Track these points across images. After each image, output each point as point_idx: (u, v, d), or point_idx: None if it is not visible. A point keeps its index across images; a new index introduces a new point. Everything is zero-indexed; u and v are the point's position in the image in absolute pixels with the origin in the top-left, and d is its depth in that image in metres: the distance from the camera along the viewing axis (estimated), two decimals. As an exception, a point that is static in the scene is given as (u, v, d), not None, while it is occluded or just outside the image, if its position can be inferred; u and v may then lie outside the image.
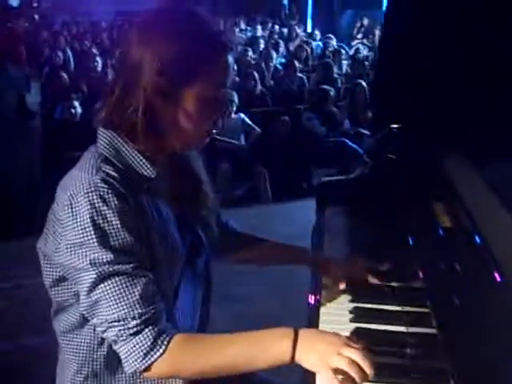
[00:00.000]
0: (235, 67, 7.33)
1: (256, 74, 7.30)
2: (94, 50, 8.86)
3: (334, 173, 5.27)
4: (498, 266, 1.10)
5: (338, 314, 1.45)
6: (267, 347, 1.15)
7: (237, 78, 7.63)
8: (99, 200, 1.14)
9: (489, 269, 1.11)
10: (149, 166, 1.23)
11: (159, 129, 1.23)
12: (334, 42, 10.65)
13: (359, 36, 12.55)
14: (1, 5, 15.61)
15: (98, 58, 7.89)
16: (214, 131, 1.30)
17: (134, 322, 1.14)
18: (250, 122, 6.30)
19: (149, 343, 1.14)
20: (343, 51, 9.52)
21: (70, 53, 9.61)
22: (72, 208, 1.15)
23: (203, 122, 1.25)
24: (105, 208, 1.14)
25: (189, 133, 1.25)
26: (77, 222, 1.14)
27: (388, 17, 1.87)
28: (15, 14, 16.11)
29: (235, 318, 3.28)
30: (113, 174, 1.18)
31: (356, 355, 1.09)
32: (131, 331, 1.14)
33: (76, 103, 5.86)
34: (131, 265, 1.15)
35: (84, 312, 1.20)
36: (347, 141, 6.18)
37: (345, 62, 9.20)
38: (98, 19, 13.79)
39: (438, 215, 1.43)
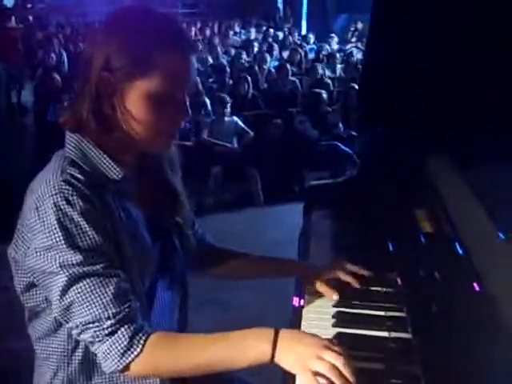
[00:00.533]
0: (228, 70, 7.31)
1: (249, 78, 7.30)
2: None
3: (326, 176, 5.28)
4: (478, 275, 1.10)
5: (320, 318, 1.44)
6: (246, 347, 1.14)
7: (230, 81, 7.65)
8: (64, 202, 1.13)
9: (468, 278, 1.11)
10: (115, 167, 1.22)
11: (110, 127, 1.21)
12: (334, 45, 10.66)
13: (353, 40, 12.58)
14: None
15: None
16: (175, 134, 1.29)
17: (109, 322, 1.13)
18: (243, 125, 6.30)
19: (125, 343, 1.14)
20: (337, 55, 9.53)
21: (63, 54, 9.60)
22: (38, 211, 1.14)
23: (152, 120, 1.21)
24: (70, 210, 1.13)
25: (139, 131, 1.21)
26: (44, 225, 1.13)
27: (374, 17, 1.87)
28: (9, 14, 16.08)
29: (217, 323, 3.27)
30: (77, 175, 1.17)
31: (337, 360, 1.08)
32: (106, 331, 1.13)
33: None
34: (101, 265, 1.14)
35: (58, 316, 1.18)
36: (340, 144, 6.19)
37: (338, 66, 9.21)
38: (93, 20, 13.76)
39: (420, 221, 1.43)
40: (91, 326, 1.14)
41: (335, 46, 10.78)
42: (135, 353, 1.14)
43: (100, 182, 1.21)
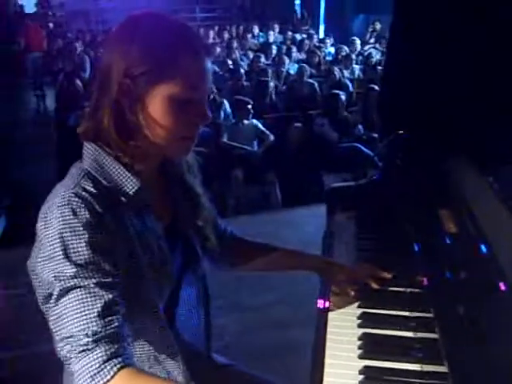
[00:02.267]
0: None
1: (267, 81, 7.32)
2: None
3: (347, 178, 5.27)
4: (503, 275, 1.10)
5: (346, 319, 1.45)
6: None
7: (248, 84, 7.67)
8: (70, 213, 1.12)
9: (494, 278, 1.11)
10: (132, 177, 1.22)
11: (128, 133, 1.21)
12: (357, 48, 10.62)
13: (372, 41, 12.52)
14: (17, 13, 15.85)
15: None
16: (195, 138, 1.27)
17: (86, 340, 1.08)
18: (263, 128, 6.32)
19: (97, 365, 1.07)
20: (353, 55, 9.51)
21: (85, 60, 9.70)
22: (46, 221, 1.14)
23: (174, 126, 1.21)
24: (75, 221, 1.12)
25: (162, 137, 1.22)
26: (48, 236, 1.13)
27: (395, 23, 1.88)
28: (28, 25, 16.33)
29: (243, 325, 3.30)
30: (90, 189, 1.16)
31: None
32: (80, 348, 1.08)
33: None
34: (94, 280, 1.11)
35: (52, 329, 1.14)
36: (360, 146, 6.18)
37: (357, 67, 9.19)
38: (111, 27, 13.88)
39: (445, 222, 1.43)
40: (70, 340, 1.09)
41: (358, 48, 10.72)
42: (104, 379, 1.06)
43: (115, 195, 1.20)
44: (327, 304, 1.53)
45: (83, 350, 1.08)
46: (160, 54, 1.18)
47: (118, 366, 1.08)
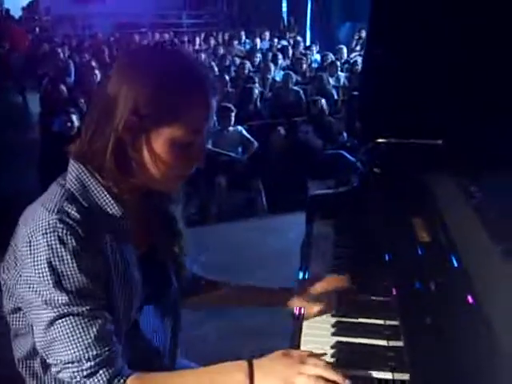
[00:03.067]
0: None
1: (252, 88, 7.33)
2: (93, 63, 8.87)
3: (331, 185, 5.28)
4: (472, 288, 1.11)
5: (320, 327, 1.46)
6: (221, 382, 1.16)
7: (233, 91, 7.67)
8: (57, 241, 1.12)
9: (462, 290, 1.12)
10: (115, 205, 1.22)
11: (127, 168, 1.21)
12: (344, 56, 10.66)
13: (358, 48, 12.58)
14: (2, 17, 15.78)
15: (96, 71, 7.89)
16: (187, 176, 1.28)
17: (89, 364, 1.13)
18: (247, 135, 6.32)
19: None
20: (338, 63, 9.54)
21: (69, 65, 9.66)
22: (31, 246, 1.14)
23: (173, 167, 1.22)
24: (62, 250, 1.12)
25: (158, 175, 1.23)
26: (34, 262, 1.13)
27: (371, 29, 1.88)
28: (14, 28, 16.26)
29: (222, 333, 3.29)
30: (74, 214, 1.16)
31: (318, 369, 1.12)
32: (85, 373, 1.13)
33: (74, 117, 5.85)
34: (87, 306, 1.14)
35: (40, 350, 1.18)
36: (344, 153, 6.20)
37: (342, 74, 9.23)
38: (97, 32, 13.86)
39: (418, 231, 1.44)
40: (70, 365, 1.13)
41: (344, 56, 10.77)
42: None
43: (97, 220, 1.20)
44: (302, 310, 1.53)
45: (88, 375, 1.13)
46: (170, 97, 1.17)
47: (122, 381, 1.14)
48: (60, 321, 1.13)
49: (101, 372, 1.13)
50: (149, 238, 1.37)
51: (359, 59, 9.87)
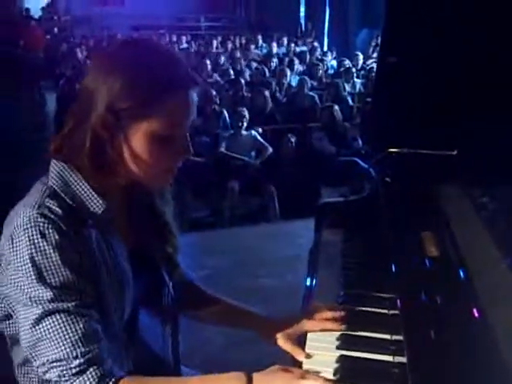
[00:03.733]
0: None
1: (266, 92, 7.31)
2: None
3: (344, 192, 5.24)
4: (478, 302, 1.08)
5: (324, 340, 1.42)
6: None
7: (249, 95, 7.67)
8: (38, 236, 1.11)
9: (468, 304, 1.09)
10: (98, 199, 1.20)
11: (106, 165, 1.19)
12: (359, 62, 10.63)
13: (374, 55, 12.54)
14: (22, 17, 15.95)
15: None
16: (175, 170, 1.25)
17: (77, 362, 1.10)
18: (261, 140, 6.30)
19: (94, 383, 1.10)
20: (353, 69, 9.51)
21: (87, 65, 9.70)
22: (13, 244, 1.12)
23: (155, 161, 1.20)
24: (44, 244, 1.11)
25: (142, 171, 1.20)
26: (17, 259, 1.12)
27: (385, 35, 1.86)
28: (34, 27, 16.43)
29: (229, 340, 3.27)
30: (55, 209, 1.14)
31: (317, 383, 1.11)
32: (74, 371, 1.10)
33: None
34: (72, 302, 1.11)
35: (26, 352, 1.15)
36: (359, 160, 6.15)
37: (358, 81, 9.19)
38: (116, 33, 13.94)
39: (426, 245, 1.41)
40: (58, 364, 1.11)
41: (360, 63, 10.73)
42: None
43: (80, 215, 1.18)
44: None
45: (77, 372, 1.10)
46: (144, 91, 1.15)
47: (114, 380, 1.11)
48: (46, 319, 1.11)
49: (91, 370, 1.10)
50: (137, 235, 1.35)
51: (375, 66, 9.85)
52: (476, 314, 1.07)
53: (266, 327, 1.47)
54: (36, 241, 1.10)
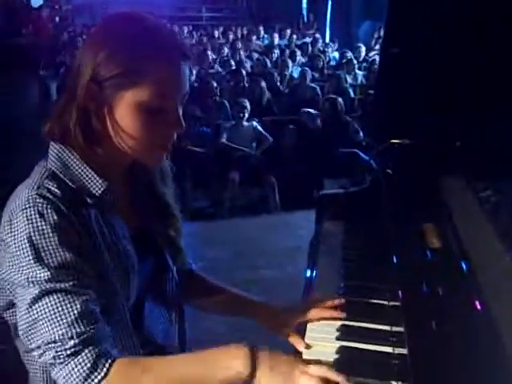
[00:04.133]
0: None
1: (263, 83, 7.27)
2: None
3: (346, 184, 5.24)
4: (480, 294, 1.08)
5: (324, 331, 1.42)
6: (221, 369, 1.11)
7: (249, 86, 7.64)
8: (37, 216, 1.09)
9: (470, 296, 1.09)
10: (98, 179, 1.18)
11: (98, 141, 1.18)
12: (362, 54, 10.59)
13: (377, 47, 12.49)
14: (23, 6, 15.89)
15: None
16: (167, 148, 1.22)
17: (72, 342, 1.07)
18: (262, 131, 6.29)
19: (89, 365, 1.07)
20: (355, 61, 9.48)
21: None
22: (11, 225, 1.11)
23: (143, 134, 1.17)
24: (42, 224, 1.09)
25: (131, 145, 1.18)
26: (15, 239, 1.10)
27: (389, 26, 1.85)
28: (37, 15, 16.38)
29: (232, 328, 3.27)
30: (54, 190, 1.13)
31: (321, 371, 1.12)
32: (69, 352, 1.08)
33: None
34: (70, 282, 1.09)
35: (22, 335, 1.13)
36: (360, 152, 6.16)
37: (360, 73, 9.17)
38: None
39: (428, 236, 1.40)
40: (53, 345, 1.08)
41: (362, 54, 10.70)
42: (99, 377, 1.07)
43: (80, 196, 1.17)
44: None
45: (72, 354, 1.08)
46: (127, 58, 1.13)
47: (109, 361, 1.08)
48: (43, 299, 1.09)
49: (86, 351, 1.08)
50: (139, 217, 1.33)
51: (377, 58, 9.82)
52: (478, 307, 1.06)
53: (268, 316, 1.49)
54: (34, 220, 1.09)
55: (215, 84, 7.21)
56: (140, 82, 1.13)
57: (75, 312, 1.09)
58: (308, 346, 1.35)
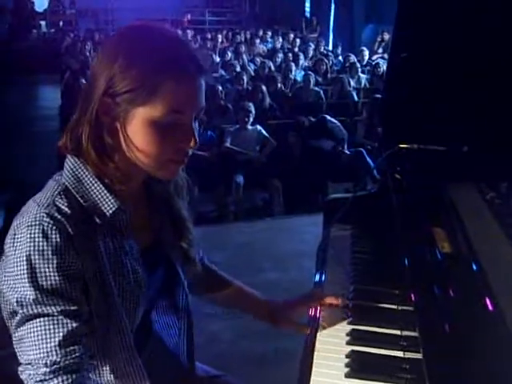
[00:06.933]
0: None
1: (263, 87, 7.27)
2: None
3: (350, 187, 5.25)
4: (492, 294, 1.08)
5: (335, 335, 1.42)
6: None
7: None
8: (40, 235, 1.07)
9: (482, 297, 1.09)
10: (110, 197, 1.16)
11: (110, 156, 1.16)
12: (365, 58, 10.62)
13: (380, 51, 12.52)
14: (28, 10, 15.97)
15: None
16: (183, 162, 1.20)
17: (43, 370, 1.06)
18: (266, 135, 6.30)
19: None
20: (358, 64, 9.50)
21: (92, 59, 9.71)
22: (14, 239, 1.09)
23: (158, 149, 1.14)
24: (44, 244, 1.06)
25: (144, 160, 1.16)
26: (15, 255, 1.08)
27: (397, 31, 1.85)
28: (40, 19, 16.47)
29: (237, 334, 3.28)
30: (64, 209, 1.10)
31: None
32: (37, 378, 1.06)
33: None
34: (57, 307, 1.07)
35: (15, 349, 1.12)
36: (364, 151, 6.18)
37: (363, 76, 9.18)
38: (120, 26, 13.91)
39: (439, 240, 1.40)
40: (29, 367, 1.08)
41: (366, 58, 10.72)
42: None
43: (90, 216, 1.14)
44: (318, 312, 1.51)
45: (40, 380, 1.07)
46: (142, 73, 1.10)
47: None
48: (28, 322, 1.08)
49: (55, 381, 1.06)
50: (151, 232, 1.32)
51: (381, 61, 9.84)
52: (490, 308, 1.07)
53: (266, 309, 1.59)
54: (37, 240, 1.07)
55: (220, 88, 7.21)
56: (154, 98, 1.10)
57: (56, 339, 1.07)
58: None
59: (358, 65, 9.50)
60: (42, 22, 16.85)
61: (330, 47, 13.61)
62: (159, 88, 1.10)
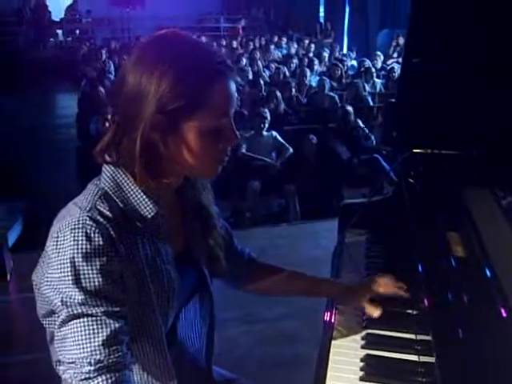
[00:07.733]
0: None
1: (278, 93, 7.28)
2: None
3: (366, 193, 5.24)
4: (506, 301, 1.08)
5: (350, 339, 1.44)
6: None
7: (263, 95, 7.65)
8: (84, 238, 1.10)
9: (495, 303, 1.09)
10: (149, 204, 1.19)
11: (159, 167, 1.19)
12: (379, 63, 10.60)
13: (395, 55, 12.49)
14: (46, 19, 16.16)
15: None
16: (226, 158, 1.24)
17: (88, 368, 1.09)
18: (282, 141, 6.30)
19: None
20: (373, 69, 9.47)
21: (109, 67, 9.79)
22: (57, 242, 1.12)
23: (208, 153, 1.19)
24: (88, 247, 1.10)
25: (194, 166, 1.20)
26: (58, 257, 1.11)
27: (410, 36, 1.86)
28: (57, 28, 16.64)
29: (253, 339, 3.29)
30: (106, 213, 1.14)
31: None
32: (82, 376, 1.09)
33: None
34: (102, 308, 1.10)
35: (56, 348, 1.16)
36: (380, 158, 6.15)
37: (378, 81, 9.16)
38: (137, 35, 14.02)
39: (452, 244, 1.41)
40: (73, 366, 1.10)
41: (380, 63, 10.70)
42: None
43: (130, 220, 1.18)
44: (333, 316, 1.53)
45: (85, 378, 1.09)
46: (191, 88, 1.14)
47: None
48: (73, 321, 1.11)
49: (99, 379, 1.09)
50: (183, 239, 1.36)
51: (396, 66, 9.82)
52: (504, 314, 1.07)
53: (342, 292, 1.59)
54: (81, 243, 1.10)
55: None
56: (204, 108, 1.15)
57: (100, 339, 1.10)
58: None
59: (373, 69, 9.48)
60: (59, 31, 17.03)
61: (345, 52, 13.59)
62: (207, 98, 1.15)
